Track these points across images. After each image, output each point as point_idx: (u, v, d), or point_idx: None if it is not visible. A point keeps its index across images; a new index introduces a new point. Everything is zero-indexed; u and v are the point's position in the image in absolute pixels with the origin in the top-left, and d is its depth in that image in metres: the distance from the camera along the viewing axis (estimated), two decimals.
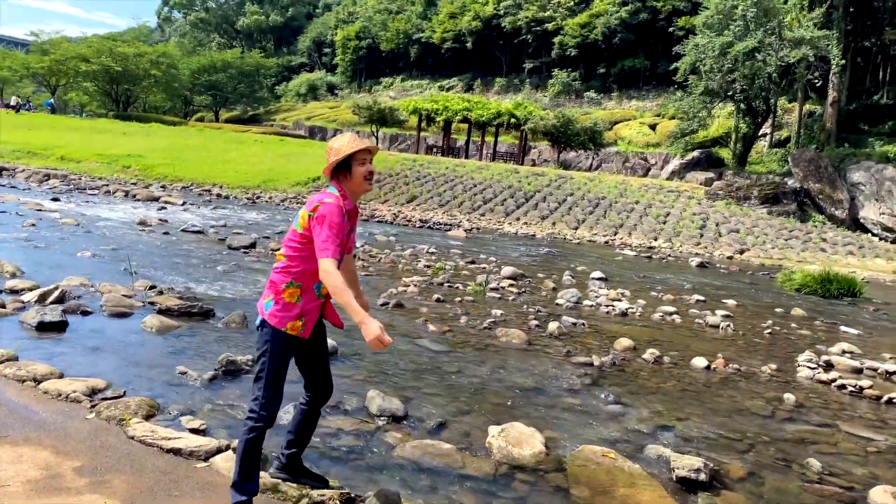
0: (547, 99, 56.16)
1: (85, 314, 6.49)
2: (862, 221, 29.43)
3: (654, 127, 45.99)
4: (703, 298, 11.39)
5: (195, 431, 4.00)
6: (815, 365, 7.28)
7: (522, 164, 41.15)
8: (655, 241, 23.69)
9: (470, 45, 64.66)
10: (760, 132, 38.18)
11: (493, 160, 41.72)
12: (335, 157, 3.14)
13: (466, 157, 43.21)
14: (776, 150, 38.58)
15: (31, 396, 4.25)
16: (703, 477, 3.94)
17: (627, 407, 5.41)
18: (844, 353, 8.19)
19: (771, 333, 9.15)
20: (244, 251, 11.71)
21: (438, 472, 3.86)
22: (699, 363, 6.94)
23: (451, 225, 22.28)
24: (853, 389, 6.58)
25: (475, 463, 4.03)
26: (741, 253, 22.57)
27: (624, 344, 7.37)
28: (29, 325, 5.86)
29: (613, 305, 9.73)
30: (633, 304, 10.13)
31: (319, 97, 74.77)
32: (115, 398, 4.33)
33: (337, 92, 75.99)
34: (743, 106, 35.31)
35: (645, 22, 53.35)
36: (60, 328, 5.90)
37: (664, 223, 26.04)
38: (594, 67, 57.68)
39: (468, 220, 24.86)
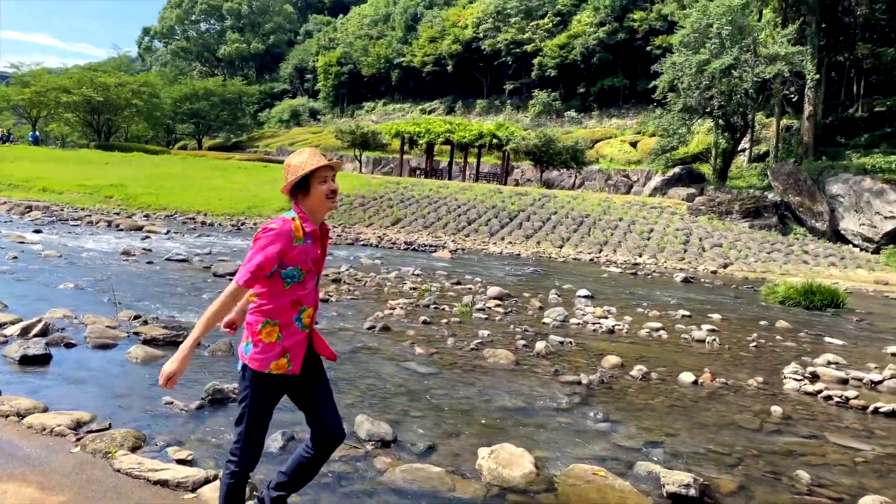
0: (528, 119, 56.64)
1: (69, 346, 6.43)
2: (843, 233, 29.77)
3: (634, 144, 46.46)
4: (688, 313, 11.46)
5: (182, 462, 3.97)
6: (800, 377, 7.33)
7: (506, 184, 41.37)
8: (640, 257, 23.83)
9: (450, 67, 65.24)
10: (739, 147, 38.68)
11: (476, 181, 41.95)
12: (293, 175, 2.89)
13: (450, 178, 43.41)
14: (756, 164, 39.08)
15: (14, 432, 4.19)
16: (693, 492, 3.94)
17: (616, 424, 5.41)
18: (830, 363, 8.25)
19: (756, 346, 9.21)
20: (229, 278, 11.63)
21: (428, 496, 3.84)
22: (686, 378, 6.97)
23: (436, 246, 22.31)
24: (839, 400, 6.63)
25: (465, 486, 4.02)
26: (725, 267, 22.74)
27: (611, 361, 7.39)
28: (12, 358, 5.80)
29: (600, 323, 9.77)
30: (619, 321, 10.18)
31: (302, 123, 74.99)
32: (100, 431, 4.29)
33: (319, 117, 76.27)
34: (721, 122, 35.78)
35: (623, 42, 54.08)
36: (44, 361, 5.84)
37: (648, 239, 26.22)
38: (574, 87, 58.31)
39: (453, 241, 24.92)
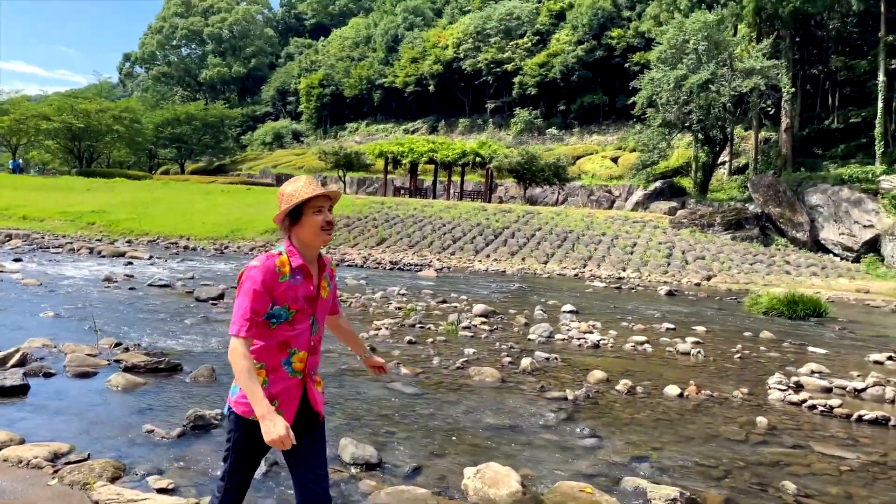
0: (510, 137, 57.01)
1: (47, 376, 6.34)
2: (823, 242, 30.09)
3: (616, 160, 46.84)
4: (673, 326, 11.49)
5: (163, 491, 3.90)
6: (785, 387, 7.36)
7: (490, 201, 41.53)
8: (624, 271, 23.93)
9: (432, 87, 65.65)
10: (719, 160, 39.09)
11: (460, 199, 42.06)
12: (287, 203, 2.65)
13: (434, 197, 43.49)
14: (736, 177, 39.50)
15: None
16: None
17: (603, 440, 5.40)
18: (813, 373, 8.30)
19: (741, 357, 9.25)
20: (212, 303, 11.57)
21: None
22: (672, 391, 6.98)
23: (421, 265, 22.28)
24: (824, 409, 6.65)
25: None
26: (708, 279, 22.87)
27: (597, 376, 7.39)
28: None
29: (585, 338, 9.77)
30: (604, 335, 10.19)
31: (285, 145, 75.03)
32: (78, 462, 4.21)
33: (302, 139, 76.35)
34: (700, 136, 36.18)
35: (601, 59, 54.70)
36: (22, 392, 5.75)
37: (631, 253, 26.35)
38: (555, 105, 58.81)
39: (438, 259, 24.91)
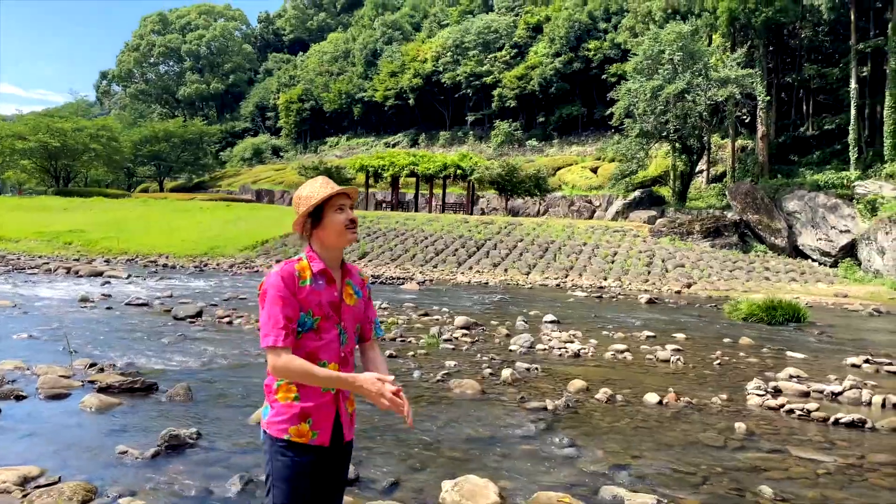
0: (491, 149, 57.25)
1: (19, 399, 6.23)
2: (801, 248, 30.43)
3: (595, 170, 47.18)
4: (653, 334, 11.54)
5: None
6: (763, 392, 7.40)
7: (472, 213, 41.62)
8: (605, 280, 24.04)
9: (412, 101, 65.87)
10: (697, 169, 39.50)
11: (442, 212, 42.11)
12: (305, 205, 2.46)
13: (416, 210, 43.52)
14: (714, 184, 39.90)
15: None
16: None
17: (582, 449, 5.39)
18: (792, 377, 8.35)
19: (720, 364, 9.30)
20: (190, 321, 11.46)
21: None
22: (651, 399, 6.99)
23: (403, 279, 22.24)
24: (801, 413, 6.69)
25: None
26: (688, 287, 23.03)
27: (577, 385, 7.39)
28: None
29: (566, 347, 9.79)
30: (585, 344, 10.21)
31: (265, 160, 74.82)
32: (48, 485, 4.13)
33: (282, 154, 76.20)
34: (678, 145, 36.54)
35: (579, 71, 55.20)
36: None
37: (612, 262, 26.49)
38: (534, 116, 59.24)
39: (421, 272, 24.89)
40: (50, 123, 55.83)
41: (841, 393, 7.58)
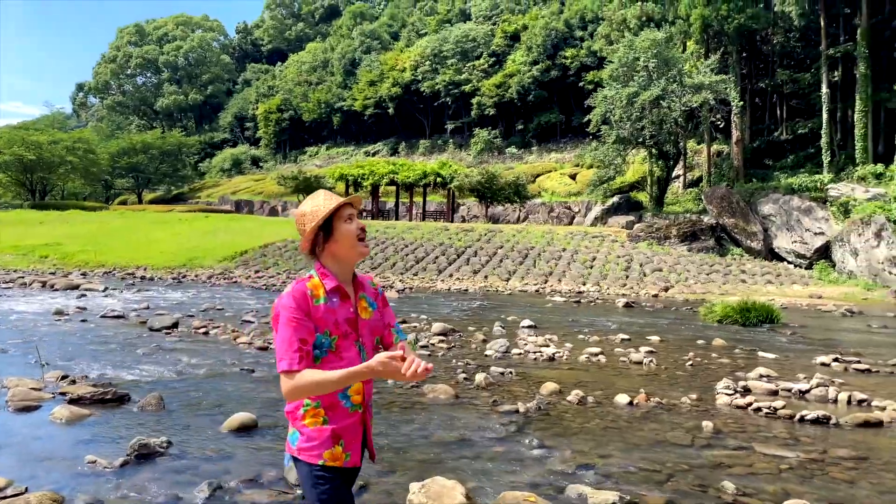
0: (471, 157, 57.50)
1: None
2: (777, 251, 30.82)
3: (574, 177, 47.54)
4: (627, 337, 11.66)
5: None
6: (732, 391, 7.52)
7: (452, 221, 41.73)
8: (584, 285, 24.21)
9: (391, 110, 66.01)
10: (674, 174, 39.93)
11: (423, 219, 42.19)
12: (313, 221, 2.37)
13: (397, 218, 43.57)
14: (690, 189, 40.34)
15: None
16: None
17: (551, 449, 5.46)
18: (761, 377, 8.49)
19: (692, 365, 9.42)
20: (166, 332, 11.41)
21: None
22: (622, 400, 7.09)
23: (383, 287, 22.23)
24: (768, 411, 6.81)
25: None
26: (666, 290, 23.25)
27: (549, 388, 7.47)
28: None
29: (541, 351, 9.87)
30: (560, 348, 10.30)
31: (244, 171, 74.57)
32: (15, 496, 4.13)
33: (262, 164, 75.99)
34: (654, 151, 36.92)
35: (556, 78, 55.65)
36: None
37: (591, 267, 26.68)
38: (513, 124, 59.61)
39: (401, 280, 24.91)
40: (25, 136, 55.30)
41: (808, 391, 7.73)
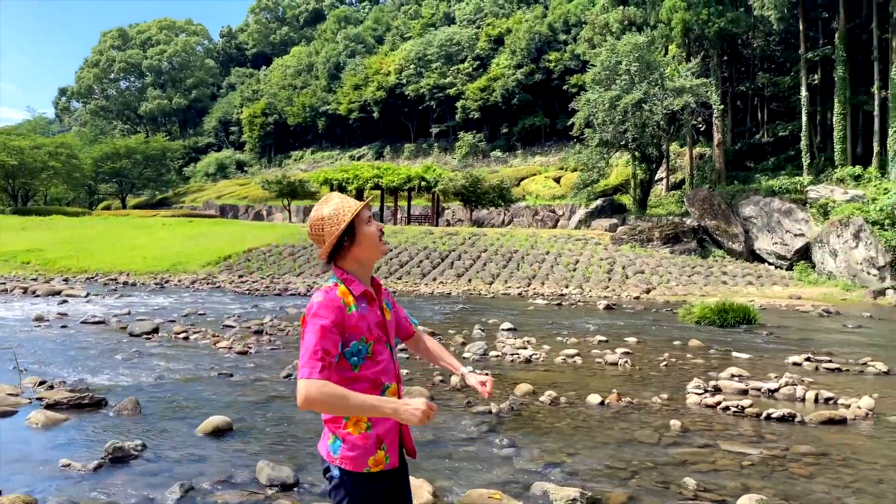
0: (456, 161, 57.65)
1: None
2: (758, 252, 31.16)
3: (558, 180, 47.78)
4: (605, 339, 11.81)
5: None
6: (702, 390, 7.67)
7: (437, 225, 41.83)
8: (567, 288, 24.38)
9: (376, 114, 66.05)
10: (657, 177, 40.23)
11: (408, 223, 42.30)
12: (337, 226, 2.33)
13: (381, 222, 43.59)
14: (673, 192, 40.66)
15: None
16: None
17: (521, 449, 5.57)
18: (733, 376, 8.64)
19: (666, 365, 9.57)
20: (146, 337, 11.44)
21: None
22: (594, 400, 7.21)
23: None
24: (736, 410, 6.96)
25: None
26: (647, 292, 23.46)
27: (523, 389, 7.58)
28: None
29: (518, 353, 9.99)
30: (537, 350, 10.43)
31: (229, 175, 74.34)
32: None
33: (246, 169, 75.79)
34: (637, 154, 37.20)
35: (540, 82, 55.93)
36: None
37: (574, 270, 26.87)
38: (497, 127, 59.83)
39: (384, 284, 24.97)
40: (7, 141, 54.89)
41: (777, 390, 7.89)
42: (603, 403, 7.14)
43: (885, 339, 13.74)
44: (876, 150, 32.42)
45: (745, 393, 7.84)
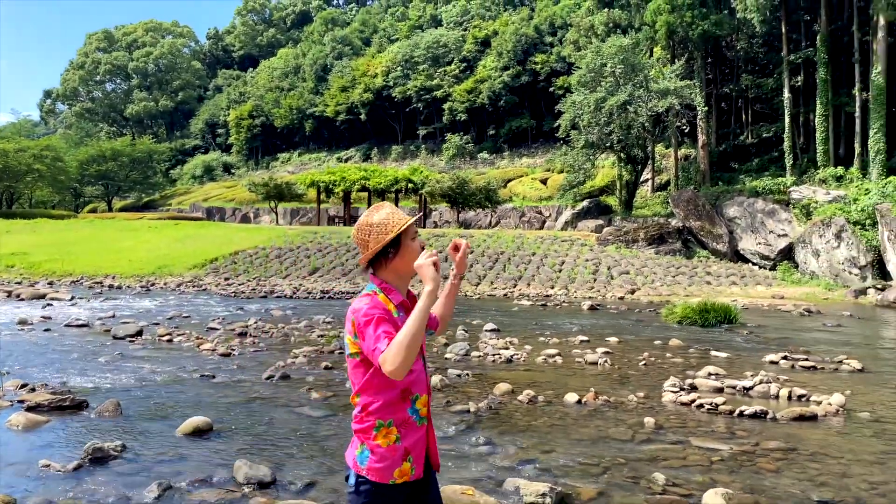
0: (443, 162, 57.75)
1: None
2: (742, 252, 31.44)
3: (545, 181, 47.97)
4: (587, 339, 11.94)
5: None
6: (677, 389, 7.81)
7: (424, 226, 41.92)
8: (552, 289, 24.52)
9: (363, 116, 66.04)
10: (642, 178, 40.48)
11: None
12: (384, 235, 2.40)
13: None
14: (659, 193, 40.96)
15: None
16: (548, 501, 4.23)
17: (496, 446, 5.68)
18: (710, 375, 8.79)
19: (646, 365, 9.71)
20: (129, 340, 11.46)
21: None
22: (571, 399, 7.33)
23: (353, 293, 22.38)
24: (710, 407, 7.10)
25: None
26: (632, 293, 23.65)
27: (503, 388, 7.69)
28: None
29: (500, 354, 10.09)
30: (519, 350, 10.54)
31: (216, 178, 74.10)
32: None
33: (234, 171, 75.58)
34: (623, 155, 37.42)
35: (527, 84, 56.12)
36: None
37: (560, 271, 27.02)
38: (484, 129, 59.99)
39: None
40: None
41: (752, 388, 8.04)
42: (580, 402, 7.26)
43: (862, 337, 13.96)
44: (857, 151, 32.81)
45: (720, 391, 7.98)
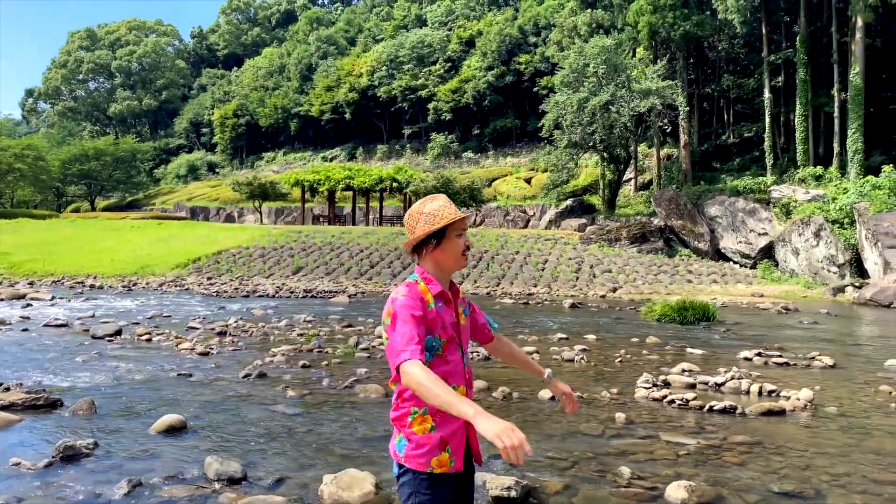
0: (428, 162, 57.88)
1: None
2: (723, 251, 31.75)
3: (529, 180, 48.20)
4: (565, 336, 12.05)
5: None
6: (650, 385, 7.91)
7: None
8: (535, 287, 24.66)
9: (349, 115, 66.03)
10: (625, 178, 40.78)
11: (380, 224, 42.38)
12: (429, 225, 2.43)
13: (353, 223, 43.65)
14: (642, 192, 41.26)
15: None
16: (514, 494, 4.30)
17: None
18: (684, 371, 8.90)
19: (621, 361, 9.82)
20: (108, 339, 11.43)
21: None
22: (545, 395, 7.41)
23: (335, 292, 22.40)
24: (681, 403, 7.20)
25: None
26: (614, 291, 23.83)
27: (478, 386, 7.74)
28: None
29: (477, 351, 10.16)
30: None
31: (200, 177, 73.79)
32: None
33: (218, 170, 75.29)
34: (606, 155, 37.70)
35: (511, 84, 56.35)
36: None
37: (543, 270, 27.17)
38: (469, 129, 60.17)
39: (353, 285, 25.07)
40: None
41: (724, 384, 8.15)
42: (554, 398, 7.34)
43: (837, 334, 14.17)
44: (836, 150, 33.22)
45: (692, 387, 8.08)
